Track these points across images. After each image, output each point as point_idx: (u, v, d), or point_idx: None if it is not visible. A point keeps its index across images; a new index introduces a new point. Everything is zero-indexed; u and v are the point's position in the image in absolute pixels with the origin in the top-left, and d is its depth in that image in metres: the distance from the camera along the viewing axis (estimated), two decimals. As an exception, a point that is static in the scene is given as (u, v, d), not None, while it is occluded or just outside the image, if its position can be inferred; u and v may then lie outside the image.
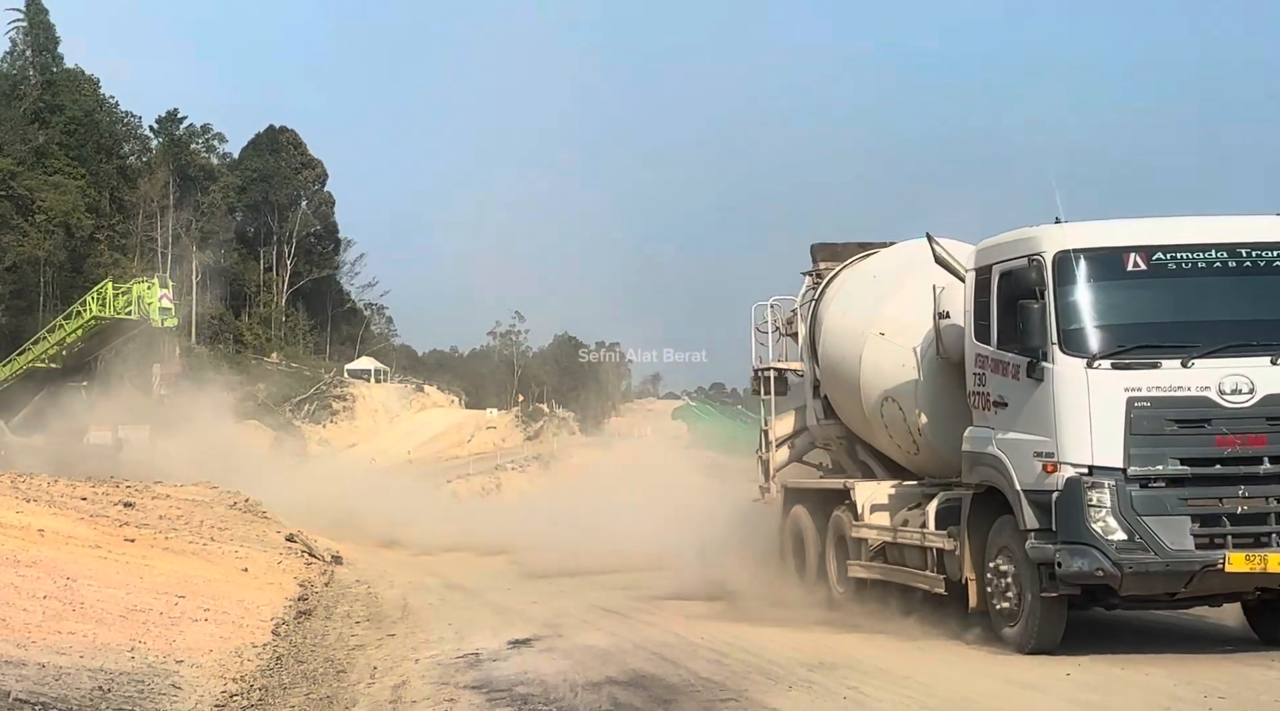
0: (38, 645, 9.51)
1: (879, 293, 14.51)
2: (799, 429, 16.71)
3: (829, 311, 15.33)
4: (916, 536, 12.72)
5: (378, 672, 10.86)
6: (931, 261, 12.99)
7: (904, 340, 13.54)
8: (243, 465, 37.23)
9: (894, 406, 13.72)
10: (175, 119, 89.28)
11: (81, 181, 69.50)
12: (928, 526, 12.48)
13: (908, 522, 13.10)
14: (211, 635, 11.50)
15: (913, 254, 14.24)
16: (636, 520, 21.82)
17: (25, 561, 12.88)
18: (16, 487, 20.22)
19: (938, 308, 12.66)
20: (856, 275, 15.42)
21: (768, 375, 17.00)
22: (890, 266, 14.94)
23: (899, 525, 13.21)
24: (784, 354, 17.25)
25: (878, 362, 13.90)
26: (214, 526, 21.18)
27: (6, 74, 77.55)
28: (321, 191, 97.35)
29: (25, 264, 62.79)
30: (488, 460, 69.02)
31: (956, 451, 12.54)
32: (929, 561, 12.47)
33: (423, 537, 27.93)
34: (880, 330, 13.95)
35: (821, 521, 14.98)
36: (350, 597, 16.98)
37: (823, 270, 16.23)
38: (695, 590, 16.53)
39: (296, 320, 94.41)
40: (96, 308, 33.33)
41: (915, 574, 12.77)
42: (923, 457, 13.69)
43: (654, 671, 10.72)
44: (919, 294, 13.13)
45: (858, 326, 14.41)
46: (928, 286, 12.87)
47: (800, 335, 16.39)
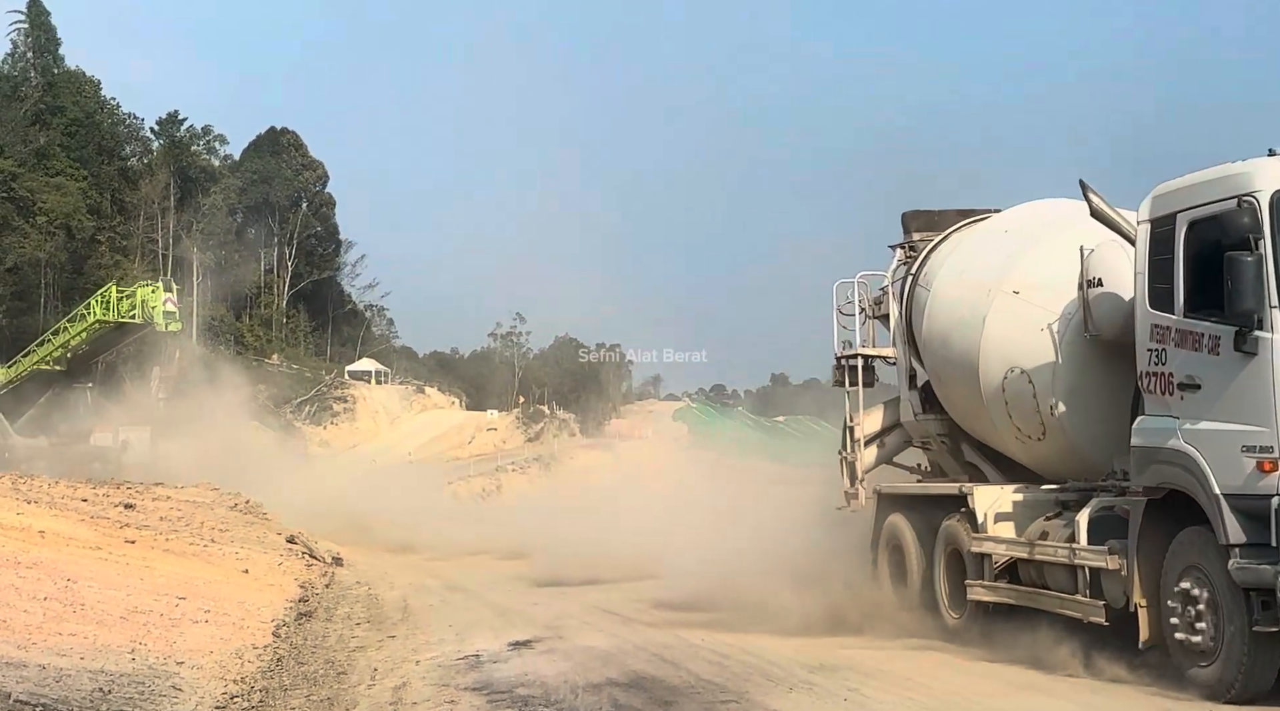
0: (38, 646, 9.51)
1: (1013, 248, 12.39)
2: (890, 425, 14.70)
3: (939, 276, 13.29)
4: (1063, 553, 10.55)
5: (378, 674, 10.86)
6: (1077, 219, 11.24)
7: (1044, 301, 11.54)
8: (247, 467, 37.24)
9: (1022, 380, 11.65)
10: (176, 120, 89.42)
11: (83, 183, 69.57)
12: (1078, 540, 10.35)
13: (1047, 535, 10.99)
14: (212, 636, 11.49)
15: (1052, 211, 12.66)
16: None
17: (26, 563, 12.87)
18: (17, 489, 20.22)
19: (1087, 274, 10.69)
20: (979, 233, 13.53)
21: (853, 363, 14.82)
22: (1026, 222, 12.90)
23: (1036, 538, 11.06)
24: (871, 339, 15.17)
25: (1006, 326, 11.86)
26: (215, 528, 21.16)
27: (8, 75, 77.63)
28: (322, 193, 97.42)
29: (26, 265, 62.83)
30: (488, 461, 68.99)
31: (1095, 445, 11.04)
32: (1080, 583, 10.31)
33: (439, 542, 27.33)
34: (1014, 288, 11.88)
35: (927, 533, 12.92)
36: (351, 599, 16.97)
37: (918, 241, 14.28)
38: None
39: (297, 321, 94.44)
40: (100, 311, 33.41)
41: (1061, 598, 10.64)
42: (1047, 447, 11.77)
43: (654, 673, 10.72)
44: (1061, 255, 11.29)
45: (982, 285, 12.32)
46: (1073, 247, 10.98)
47: (893, 316, 14.42)
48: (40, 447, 35.04)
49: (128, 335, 36.60)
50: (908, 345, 14.02)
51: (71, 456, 35.10)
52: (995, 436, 12.60)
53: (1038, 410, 11.59)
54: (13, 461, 33.51)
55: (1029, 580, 11.25)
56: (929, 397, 13.82)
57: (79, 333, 33.98)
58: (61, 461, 34.17)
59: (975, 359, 12.16)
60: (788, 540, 15.12)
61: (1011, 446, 12.39)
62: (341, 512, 30.24)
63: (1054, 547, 10.72)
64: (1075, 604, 10.38)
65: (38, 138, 71.90)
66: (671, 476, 28.51)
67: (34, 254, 62.89)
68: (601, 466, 60.21)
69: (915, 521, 13.21)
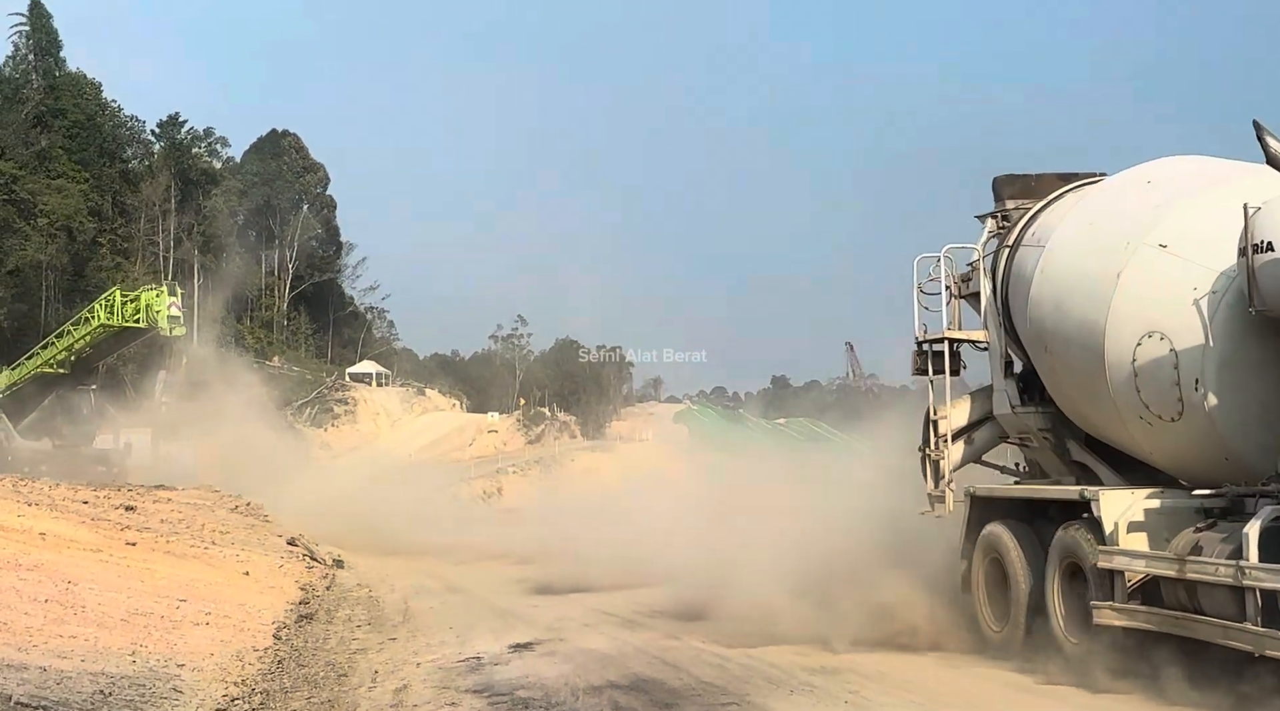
0: (39, 649, 9.51)
1: (1159, 199, 10.55)
2: (980, 418, 12.95)
3: (1056, 233, 11.48)
4: (1226, 571, 8.69)
5: (379, 676, 10.86)
6: (1234, 177, 9.97)
7: (1199, 258, 9.78)
8: (248, 469, 37.21)
9: (1161, 346, 9.87)
10: (176, 123, 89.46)
11: (84, 185, 69.61)
12: (1246, 556, 8.55)
13: (1201, 549, 9.13)
14: (212, 639, 11.48)
15: (1203, 166, 11.09)
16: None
17: (26, 565, 12.87)
18: (18, 491, 20.23)
19: (1252, 237, 8.79)
20: (1111, 187, 11.75)
21: (938, 348, 13.06)
22: (1174, 173, 11.13)
23: (1186, 553, 9.20)
24: (957, 321, 13.29)
25: (1147, 284, 10.06)
26: (215, 530, 21.16)
27: (9, 78, 77.69)
28: (323, 195, 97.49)
29: (28, 267, 62.87)
30: (489, 464, 69.01)
31: (1244, 437, 9.45)
32: (1251, 609, 8.48)
33: (440, 545, 26.97)
34: (1160, 241, 10.08)
35: (1034, 544, 11.14)
36: (351, 601, 16.96)
37: (1012, 209, 12.67)
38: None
39: (298, 324, 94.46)
40: (104, 315, 33.26)
41: (1224, 627, 8.76)
42: (1181, 433, 9.96)
43: (655, 675, 10.72)
44: (1220, 211, 9.45)
45: (1118, 237, 10.52)
46: (1234, 203, 9.11)
47: (984, 294, 12.67)
48: (44, 450, 35.02)
49: (131, 339, 36.53)
50: (1003, 326, 12.27)
51: (75, 459, 35.08)
52: (1115, 422, 10.66)
53: (1177, 384, 9.74)
54: (16, 464, 33.51)
55: (1175, 603, 9.32)
56: (1029, 386, 12.19)
57: (82, 336, 33.90)
58: (65, 464, 34.15)
59: (1101, 322, 10.29)
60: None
61: (1135, 433, 10.44)
62: (342, 515, 30.22)
63: (1214, 565, 8.85)
64: (1244, 634, 8.52)
65: (39, 140, 71.96)
66: (679, 480, 28.30)
67: (35, 256, 62.92)
68: (603, 468, 60.26)
69: (1020, 529, 11.40)
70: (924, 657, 11.72)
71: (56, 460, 34.59)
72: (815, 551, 13.67)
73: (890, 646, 11.89)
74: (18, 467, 32.94)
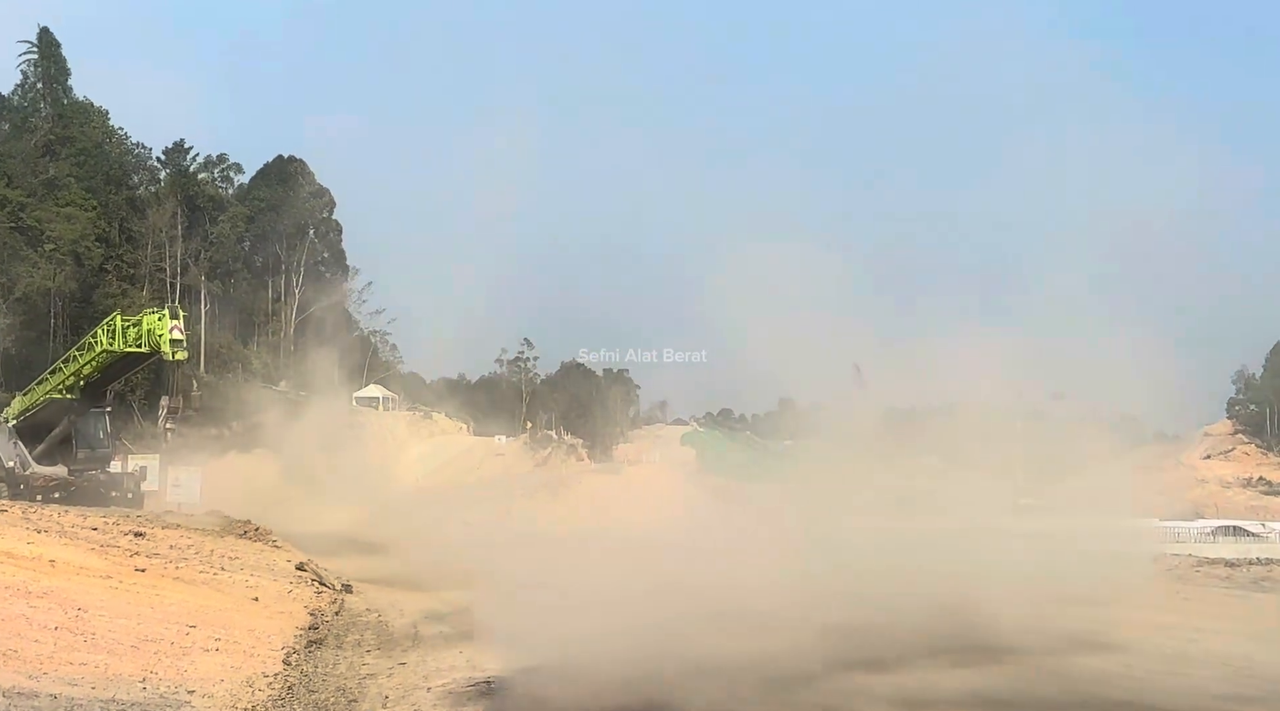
0: (49, 676, 9.48)
1: None
2: None
3: None
4: None
5: (390, 701, 10.82)
6: None
7: None
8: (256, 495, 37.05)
9: None
10: (182, 149, 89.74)
11: (92, 212, 69.76)
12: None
13: None
14: (223, 665, 11.45)
15: None
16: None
17: (36, 592, 12.85)
18: (27, 518, 20.22)
19: None
20: None
21: None
22: None
23: None
24: None
25: None
26: (224, 555, 21.12)
27: (18, 106, 77.99)
28: (329, 219, 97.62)
29: (35, 295, 62.91)
30: (497, 487, 68.77)
31: None
32: None
33: (446, 571, 26.15)
34: None
35: None
36: (361, 626, 16.90)
37: None
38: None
39: (305, 348, 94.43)
40: (106, 340, 33.01)
41: None
42: None
43: (666, 698, 10.66)
44: None
45: None
46: None
47: None
48: (59, 476, 34.75)
49: (137, 363, 36.25)
50: None
51: (91, 485, 34.84)
52: None
53: None
54: (31, 491, 33.30)
55: None
56: None
57: (88, 361, 33.72)
58: (81, 490, 33.90)
59: None
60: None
61: None
62: (350, 540, 30.15)
63: None
64: None
65: (47, 168, 72.16)
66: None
67: (43, 283, 63.01)
68: (611, 492, 60.07)
69: None
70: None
71: (72, 486, 34.36)
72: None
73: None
74: (33, 494, 32.78)
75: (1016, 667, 13.97)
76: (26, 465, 34.79)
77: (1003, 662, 14.16)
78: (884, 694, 12.00)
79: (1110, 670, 13.57)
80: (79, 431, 35.88)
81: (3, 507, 22.38)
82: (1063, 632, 16.91)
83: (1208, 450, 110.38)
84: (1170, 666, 13.62)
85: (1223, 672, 13.31)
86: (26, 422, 35.70)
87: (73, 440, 35.78)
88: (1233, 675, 13.17)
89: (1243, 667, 13.78)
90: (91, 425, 36.71)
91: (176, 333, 31.61)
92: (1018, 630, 15.91)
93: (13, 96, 79.37)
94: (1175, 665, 13.63)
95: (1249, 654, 15.23)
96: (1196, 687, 12.01)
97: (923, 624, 16.31)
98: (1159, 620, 19.66)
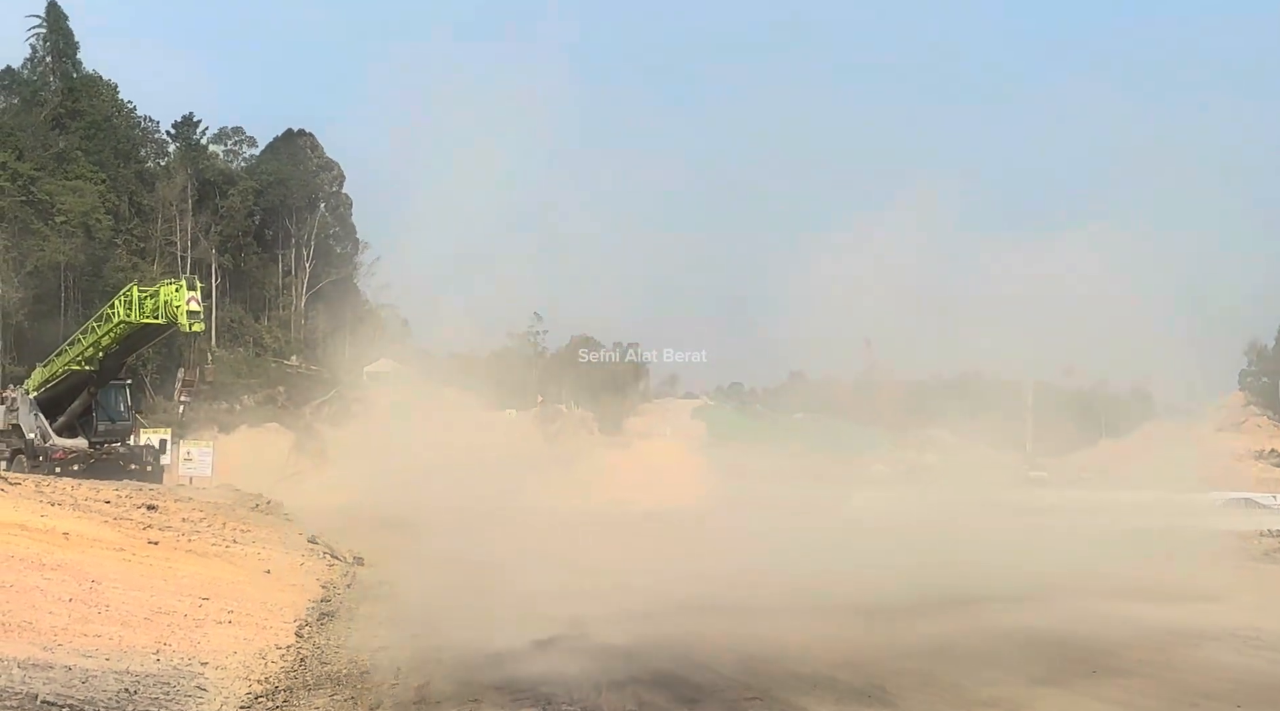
0: (64, 648, 9.53)
1: None
2: None
3: None
4: None
5: (401, 673, 10.85)
6: None
7: None
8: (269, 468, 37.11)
9: None
10: (191, 123, 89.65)
11: (101, 186, 69.79)
12: None
13: None
14: (236, 637, 11.50)
15: None
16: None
17: (50, 564, 12.91)
18: (40, 491, 20.31)
19: None
20: None
21: None
22: None
23: None
24: None
25: None
26: (237, 528, 21.20)
27: (27, 80, 77.96)
28: (339, 193, 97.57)
29: (46, 268, 63.05)
30: (508, 461, 68.83)
31: None
32: None
33: (463, 545, 25.94)
34: None
35: None
36: (373, 598, 16.96)
37: None
38: None
39: (316, 322, 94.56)
40: (124, 312, 32.86)
41: None
42: None
43: (678, 671, 10.68)
44: None
45: None
46: None
47: None
48: (80, 448, 34.64)
49: (155, 335, 36.03)
50: None
51: (111, 457, 34.75)
52: None
53: None
54: (51, 463, 33.26)
55: None
56: None
57: (106, 332, 33.60)
58: (101, 463, 33.81)
59: None
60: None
61: None
62: (362, 515, 30.22)
63: None
64: None
65: (57, 142, 72.16)
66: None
67: (54, 257, 63.10)
68: (623, 466, 60.15)
69: None
70: (949, 655, 11.67)
71: (92, 458, 34.29)
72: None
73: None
74: (53, 466, 32.73)
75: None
76: (47, 437, 34.78)
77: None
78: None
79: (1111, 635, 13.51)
80: (99, 404, 35.77)
81: (15, 480, 22.47)
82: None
83: (1219, 423, 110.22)
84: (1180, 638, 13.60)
85: (1231, 645, 13.30)
86: (47, 394, 35.66)
87: (93, 412, 35.69)
88: (1241, 645, 13.15)
89: (1251, 639, 13.75)
90: (112, 397, 36.59)
91: (194, 304, 31.42)
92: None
93: (22, 70, 79.28)
94: (1185, 637, 13.61)
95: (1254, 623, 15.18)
96: (1209, 659, 12.02)
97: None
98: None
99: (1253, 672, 11.07)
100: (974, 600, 15.88)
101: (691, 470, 56.26)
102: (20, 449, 35.06)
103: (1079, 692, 9.99)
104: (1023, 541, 24.62)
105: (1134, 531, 29.33)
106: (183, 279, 33.17)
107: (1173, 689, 10.14)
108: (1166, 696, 9.84)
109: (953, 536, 22.93)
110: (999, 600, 16.26)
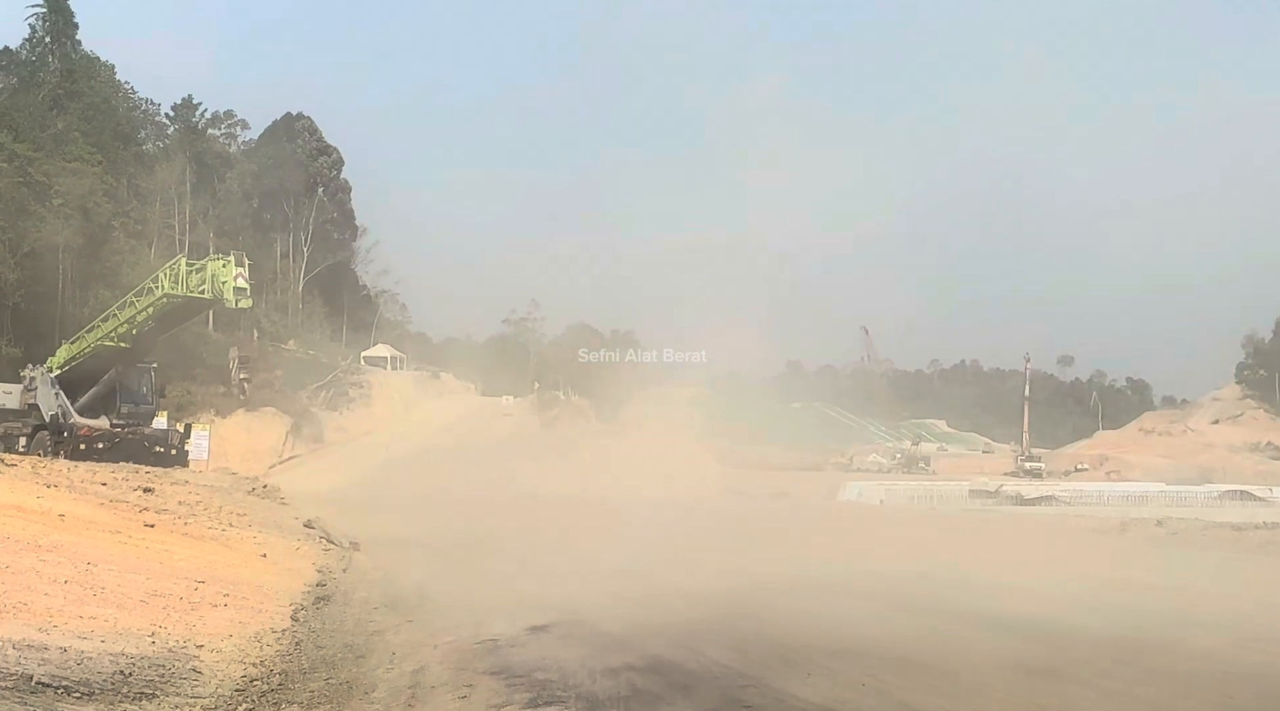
0: (59, 629, 9.55)
1: None
2: None
3: None
4: None
5: (396, 658, 10.88)
6: None
7: None
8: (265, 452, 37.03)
9: None
10: (191, 106, 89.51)
11: (99, 168, 69.62)
12: None
13: None
14: (231, 620, 11.52)
15: None
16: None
17: (46, 546, 12.93)
18: (37, 472, 20.33)
19: None
20: None
21: None
22: None
23: None
24: None
25: None
26: (233, 512, 21.23)
27: (26, 61, 77.72)
28: (338, 178, 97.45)
29: (43, 250, 62.91)
30: (504, 447, 69.00)
31: None
32: None
33: (455, 528, 25.94)
34: None
35: None
36: (368, 583, 16.99)
37: None
38: None
39: (313, 307, 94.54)
40: (169, 285, 31.93)
41: None
42: None
43: (672, 657, 10.71)
44: None
45: None
46: None
47: None
48: (102, 429, 33.85)
49: (196, 311, 35.14)
50: None
51: (134, 439, 34.03)
52: None
53: None
54: (73, 441, 32.54)
55: None
56: None
57: (145, 307, 32.55)
58: (124, 445, 33.07)
59: None
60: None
61: None
62: (357, 499, 30.27)
63: None
64: None
65: (55, 123, 71.97)
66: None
67: (51, 239, 62.94)
68: (619, 452, 60.23)
69: None
70: (944, 642, 11.70)
71: (116, 438, 33.45)
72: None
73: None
74: (76, 444, 32.10)
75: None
76: (68, 415, 34.06)
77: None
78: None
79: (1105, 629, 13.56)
80: (124, 385, 35.06)
81: (11, 462, 22.49)
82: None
83: (1216, 415, 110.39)
84: (1174, 629, 13.63)
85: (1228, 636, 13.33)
86: (69, 374, 34.91)
87: (116, 394, 34.98)
88: (1232, 635, 13.20)
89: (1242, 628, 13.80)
90: (136, 379, 35.89)
91: (241, 280, 30.92)
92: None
93: (20, 50, 79.05)
94: (1179, 628, 13.65)
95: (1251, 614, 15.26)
96: (1198, 650, 12.05)
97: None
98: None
99: (1242, 663, 11.12)
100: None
101: (687, 458, 56.38)
102: (42, 425, 34.21)
103: (1068, 680, 10.03)
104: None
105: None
106: (231, 254, 32.59)
107: (1164, 677, 10.19)
108: (1158, 685, 9.88)
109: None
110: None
